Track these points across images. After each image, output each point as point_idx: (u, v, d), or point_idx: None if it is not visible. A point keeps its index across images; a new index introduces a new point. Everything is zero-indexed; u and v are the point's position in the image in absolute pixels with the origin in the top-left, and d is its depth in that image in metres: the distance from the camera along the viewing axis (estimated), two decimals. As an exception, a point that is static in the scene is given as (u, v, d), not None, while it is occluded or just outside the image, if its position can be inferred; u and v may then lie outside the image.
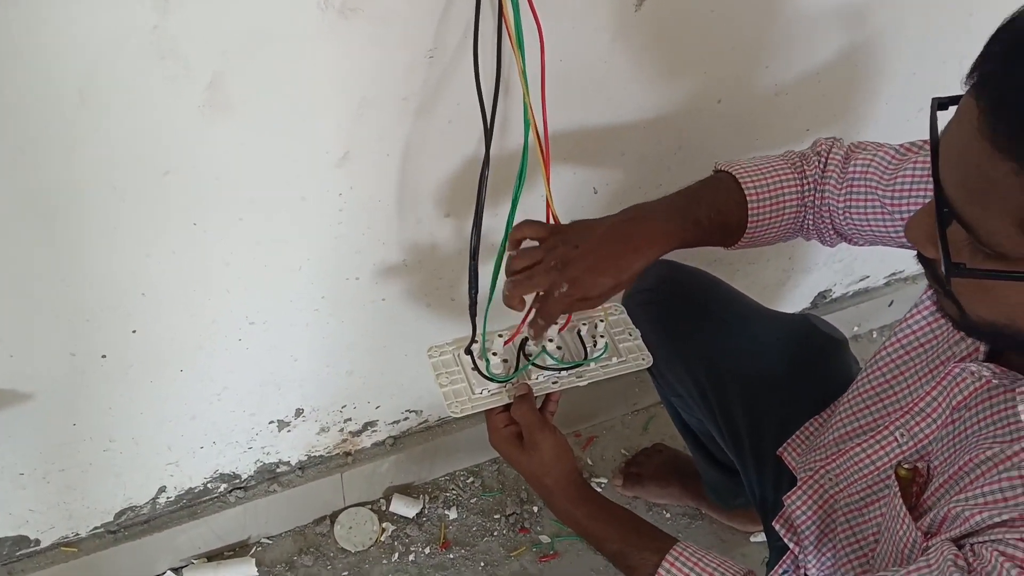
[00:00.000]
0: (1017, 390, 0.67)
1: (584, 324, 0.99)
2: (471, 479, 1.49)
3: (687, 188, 0.93)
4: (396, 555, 1.38)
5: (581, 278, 0.84)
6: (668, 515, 1.48)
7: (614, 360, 0.97)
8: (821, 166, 0.95)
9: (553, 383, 0.95)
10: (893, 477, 0.83)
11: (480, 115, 0.89)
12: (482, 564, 1.39)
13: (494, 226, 1.03)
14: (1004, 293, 0.61)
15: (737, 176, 0.92)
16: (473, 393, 0.93)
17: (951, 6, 1.21)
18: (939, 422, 0.81)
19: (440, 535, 1.41)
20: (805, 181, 0.95)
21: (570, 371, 0.95)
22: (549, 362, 0.95)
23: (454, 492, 1.47)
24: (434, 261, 1.11)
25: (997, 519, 0.65)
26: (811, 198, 0.95)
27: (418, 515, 1.42)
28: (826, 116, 1.25)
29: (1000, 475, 0.68)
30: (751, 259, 1.44)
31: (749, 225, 0.93)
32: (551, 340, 0.96)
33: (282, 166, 0.92)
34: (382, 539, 1.39)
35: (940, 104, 0.63)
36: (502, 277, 0.89)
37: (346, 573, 1.35)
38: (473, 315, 0.94)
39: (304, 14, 0.81)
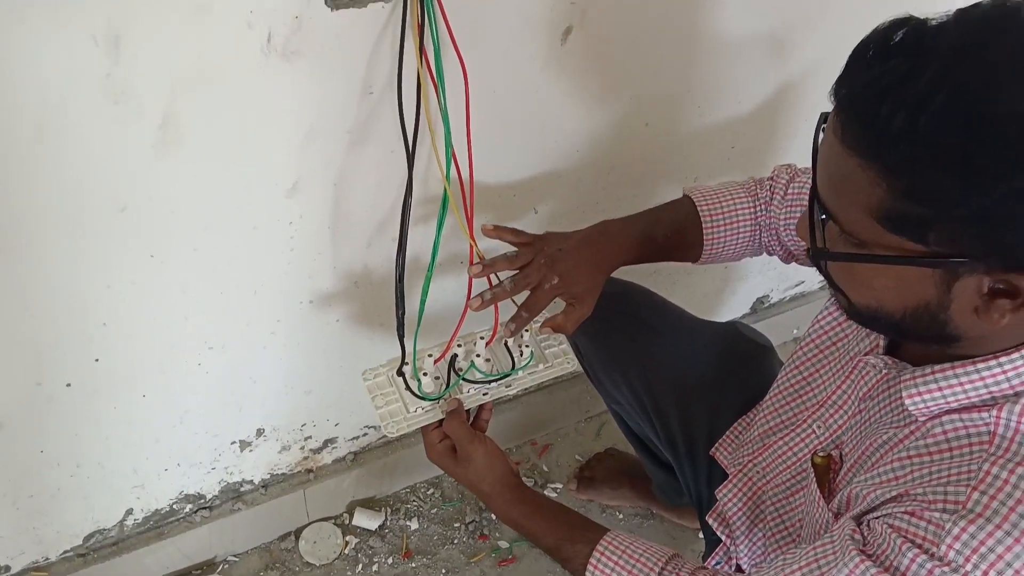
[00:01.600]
0: (902, 380, 0.75)
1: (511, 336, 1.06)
2: (431, 490, 1.54)
3: (652, 209, 1.07)
4: (360, 566, 1.43)
5: (568, 273, 0.97)
6: (621, 516, 1.55)
7: (541, 367, 1.05)
8: (771, 189, 1.05)
9: (483, 395, 1.02)
10: (810, 466, 0.91)
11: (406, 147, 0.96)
12: (443, 571, 1.44)
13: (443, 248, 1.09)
14: (868, 277, 0.69)
15: (695, 199, 1.04)
16: (408, 412, 1.00)
17: (865, 32, 1.30)
18: (850, 412, 0.88)
19: (402, 545, 1.46)
20: (758, 203, 1.05)
21: (499, 382, 1.02)
22: (478, 376, 1.02)
23: (415, 504, 1.52)
24: (384, 282, 1.17)
25: (888, 495, 0.72)
26: (763, 218, 1.05)
27: (380, 527, 1.48)
28: (749, 133, 1.34)
29: (892, 457, 0.75)
30: (688, 270, 1.50)
31: (706, 242, 1.04)
32: (478, 355, 1.03)
33: (234, 198, 0.98)
34: (346, 552, 1.44)
35: (825, 118, 0.71)
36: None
37: (312, 586, 1.41)
38: (401, 336, 1.01)
39: (248, 57, 0.87)
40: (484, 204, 1.16)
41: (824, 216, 0.68)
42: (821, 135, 0.70)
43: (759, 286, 1.67)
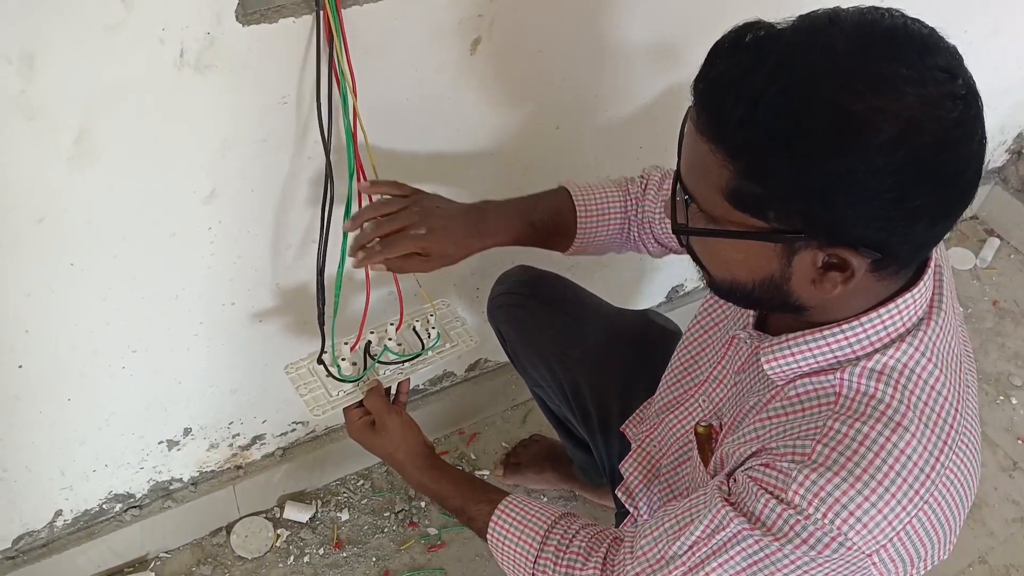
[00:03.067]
0: (761, 347, 0.82)
1: (417, 321, 1.14)
2: (361, 482, 1.59)
3: (531, 195, 1.10)
4: (292, 558, 1.47)
5: (437, 232, 0.98)
6: (545, 499, 1.62)
7: (447, 346, 1.13)
8: (643, 186, 1.11)
9: (399, 373, 1.09)
10: (694, 436, 0.99)
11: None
12: (374, 559, 1.49)
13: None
14: (721, 251, 0.76)
15: (571, 191, 1.10)
16: (331, 396, 1.06)
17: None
18: (728, 385, 0.96)
19: (333, 536, 1.51)
20: (628, 197, 1.11)
21: (412, 361, 1.10)
22: (391, 358, 1.09)
23: (345, 495, 1.56)
24: (305, 283, 1.21)
25: (750, 451, 0.80)
26: (633, 212, 1.11)
27: (311, 519, 1.52)
28: (654, 135, 1.41)
29: (756, 419, 0.83)
30: (605, 263, 1.58)
31: (578, 232, 1.09)
32: (391, 339, 1.10)
33: (151, 206, 1.00)
34: (277, 544, 1.48)
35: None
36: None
37: (244, 579, 1.44)
38: (322, 324, 1.07)
39: (162, 72, 0.90)
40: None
41: (686, 197, 0.75)
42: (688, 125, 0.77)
43: (673, 276, 1.75)
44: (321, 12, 0.93)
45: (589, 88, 1.26)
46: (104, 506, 1.33)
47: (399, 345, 1.11)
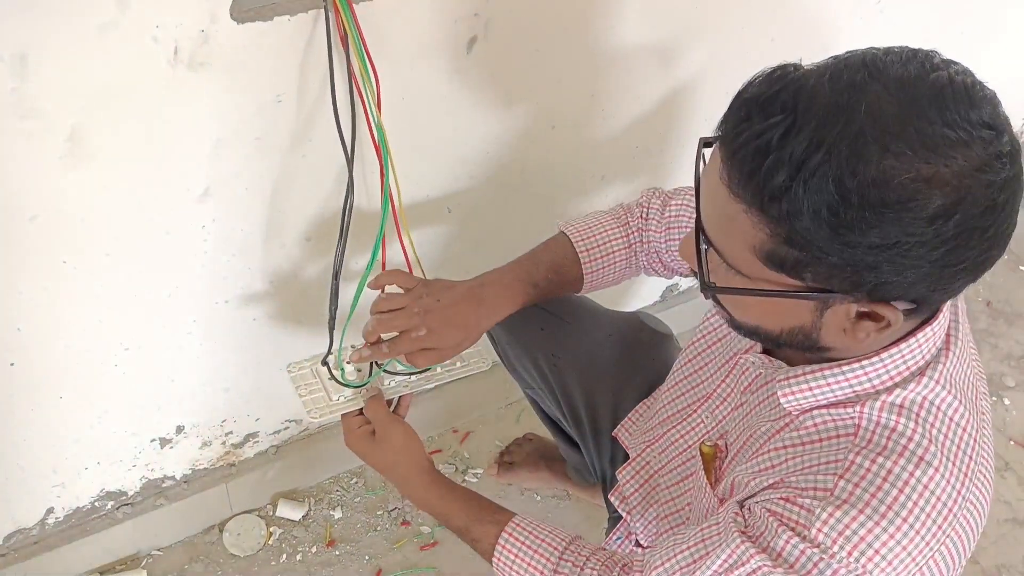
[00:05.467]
0: (776, 379, 0.82)
1: None
2: (354, 480, 1.58)
3: (531, 252, 1.09)
4: (284, 556, 1.47)
5: (438, 329, 0.98)
6: (539, 498, 1.62)
7: (458, 364, 1.10)
8: (644, 215, 1.10)
9: (404, 387, 1.07)
10: (699, 454, 0.98)
11: (341, 149, 0.99)
12: (367, 557, 1.49)
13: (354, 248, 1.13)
14: (749, 304, 0.76)
15: (571, 236, 1.08)
16: (331, 400, 1.04)
17: (755, 37, 1.38)
18: (733, 405, 0.95)
19: (326, 534, 1.50)
20: (629, 231, 1.10)
21: (418, 376, 1.07)
22: (399, 368, 1.07)
23: (338, 493, 1.56)
24: (299, 281, 1.21)
25: (766, 483, 0.79)
26: (637, 243, 1.10)
27: (304, 517, 1.52)
28: (650, 135, 1.41)
29: (769, 448, 0.82)
30: (599, 262, 1.58)
31: (586, 276, 1.09)
32: None
33: (144, 204, 1.00)
34: (270, 542, 1.48)
35: (706, 143, 0.76)
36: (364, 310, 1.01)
37: (236, 576, 1.44)
38: (332, 329, 1.05)
39: (155, 70, 0.90)
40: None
41: (707, 247, 0.74)
42: (702, 165, 0.75)
43: (668, 276, 1.75)
44: (331, 9, 0.92)
45: (585, 87, 1.26)
46: (96, 504, 1.33)
47: None
